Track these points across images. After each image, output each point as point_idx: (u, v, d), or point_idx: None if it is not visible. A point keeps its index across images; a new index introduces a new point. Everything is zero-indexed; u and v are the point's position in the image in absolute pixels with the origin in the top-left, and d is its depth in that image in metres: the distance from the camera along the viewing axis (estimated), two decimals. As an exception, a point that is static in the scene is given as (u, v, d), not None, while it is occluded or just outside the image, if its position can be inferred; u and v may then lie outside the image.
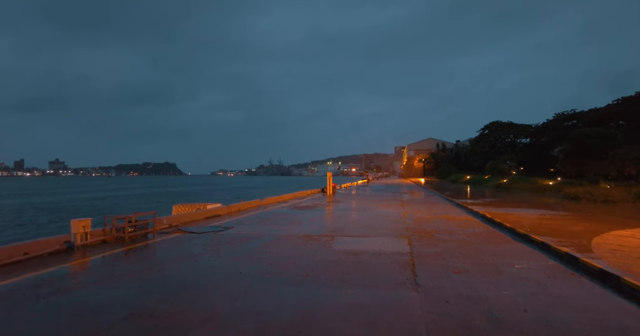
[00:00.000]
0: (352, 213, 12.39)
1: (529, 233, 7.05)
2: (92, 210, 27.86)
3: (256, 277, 4.69)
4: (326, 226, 9.28)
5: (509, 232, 8.05)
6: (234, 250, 6.36)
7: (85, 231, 6.66)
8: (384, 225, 9.31)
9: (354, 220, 10.43)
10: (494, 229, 8.59)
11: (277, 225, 9.44)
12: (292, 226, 9.32)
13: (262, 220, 10.50)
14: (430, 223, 9.77)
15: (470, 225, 9.36)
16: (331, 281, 4.51)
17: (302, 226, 9.35)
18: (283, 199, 18.48)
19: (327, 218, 11.06)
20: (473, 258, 5.63)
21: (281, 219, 10.77)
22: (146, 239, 7.60)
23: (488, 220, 9.98)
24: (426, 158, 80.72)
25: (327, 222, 10.01)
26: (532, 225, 8.46)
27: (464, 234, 7.91)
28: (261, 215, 11.80)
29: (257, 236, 7.81)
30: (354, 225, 9.51)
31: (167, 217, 9.69)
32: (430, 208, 14.05)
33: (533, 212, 11.32)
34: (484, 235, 7.76)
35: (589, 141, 20.81)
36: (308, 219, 10.74)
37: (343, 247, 6.56)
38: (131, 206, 31.41)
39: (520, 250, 6.22)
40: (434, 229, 8.62)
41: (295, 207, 14.60)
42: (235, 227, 9.23)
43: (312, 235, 7.82)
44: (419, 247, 6.51)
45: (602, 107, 41.62)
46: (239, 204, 14.00)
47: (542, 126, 50.71)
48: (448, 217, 11.16)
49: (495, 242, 7.05)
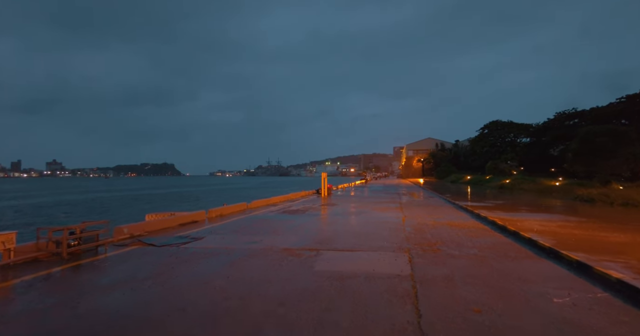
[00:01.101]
0: (345, 219, 11.10)
1: (556, 248, 5.77)
2: (49, 217, 24.61)
3: (200, 319, 3.40)
4: (313, 236, 7.99)
5: (527, 243, 6.77)
6: (190, 272, 5.05)
7: (6, 247, 5.35)
8: (381, 234, 8.02)
9: (347, 228, 9.14)
10: (509, 240, 7.31)
11: (256, 235, 8.14)
12: (273, 236, 8.02)
13: (241, 228, 9.19)
14: (433, 231, 8.49)
15: (479, 233, 8.09)
16: (303, 328, 3.21)
17: (285, 235, 8.05)
18: (273, 202, 17.17)
19: (316, 225, 9.77)
20: (493, 284, 4.34)
21: (264, 227, 9.47)
22: (95, 254, 6.30)
23: (499, 228, 8.70)
24: (425, 158, 79.40)
25: (315, 231, 8.72)
26: (554, 234, 7.18)
27: (475, 246, 6.63)
28: (243, 222, 10.50)
29: (227, 250, 6.51)
30: (346, 234, 8.22)
31: (131, 225, 8.37)
32: (432, 212, 12.77)
33: (548, 217, 10.04)
34: (499, 248, 6.47)
35: (599, 139, 19.59)
36: (294, 226, 9.44)
37: (328, 267, 5.26)
38: (109, 210, 29.86)
39: (550, 272, 4.94)
40: (438, 240, 7.34)
41: (284, 211, 13.30)
42: (207, 237, 7.93)
43: (293, 249, 6.52)
44: (423, 266, 5.23)
45: (604, 106, 40.50)
46: (221, 208, 12.68)
47: (543, 125, 49.56)
48: (452, 223, 9.88)
49: (514, 257, 5.77)
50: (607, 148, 19.23)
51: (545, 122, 49.07)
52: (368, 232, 8.40)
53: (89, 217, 22.92)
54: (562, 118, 46.87)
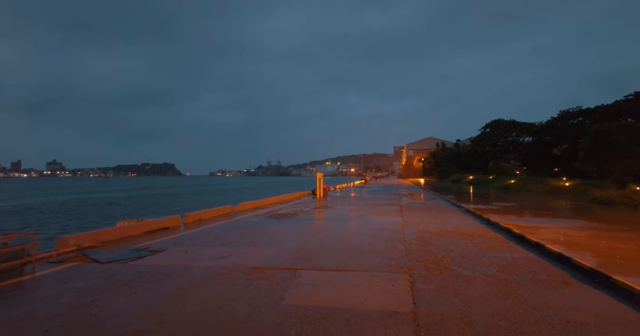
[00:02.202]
0: (337, 225, 9.80)
1: (603, 270, 4.45)
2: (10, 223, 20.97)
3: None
4: (295, 248, 6.69)
5: (558, 261, 5.47)
6: (117, 307, 3.76)
7: None
8: (376, 246, 6.73)
9: (337, 237, 7.84)
10: (532, 254, 6.01)
11: (228, 246, 6.85)
12: (247, 248, 6.72)
13: (215, 237, 7.90)
14: (438, 241, 7.20)
15: (494, 245, 6.78)
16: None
17: (262, 247, 6.76)
18: (262, 204, 15.88)
19: (303, 233, 8.47)
20: (531, 333, 3.05)
21: (242, 235, 8.17)
22: (19, 274, 5.02)
23: (516, 238, 7.40)
24: (426, 158, 78.08)
25: (300, 241, 7.43)
26: (589, 248, 5.88)
27: (493, 264, 5.34)
28: (220, 229, 9.21)
29: (183, 270, 5.21)
30: (335, 245, 6.92)
31: (81, 234, 7.08)
32: (435, 216, 11.48)
33: (571, 224, 8.72)
34: (523, 267, 5.17)
35: (613, 137, 18.27)
36: (277, 235, 8.15)
37: (302, 298, 3.97)
38: (87, 214, 28.55)
39: (606, 310, 3.60)
40: (446, 254, 6.04)
41: (271, 216, 12.01)
42: (169, 249, 6.64)
43: (265, 268, 5.23)
44: (428, 297, 3.94)
45: (610, 104, 39.29)
46: (200, 212, 11.40)
47: (546, 124, 48.32)
48: (460, 230, 8.58)
49: (547, 283, 4.46)
50: (621, 146, 17.92)
51: (549, 121, 47.77)
52: (361, 243, 7.11)
53: (58, 222, 21.51)
54: (566, 117, 45.57)
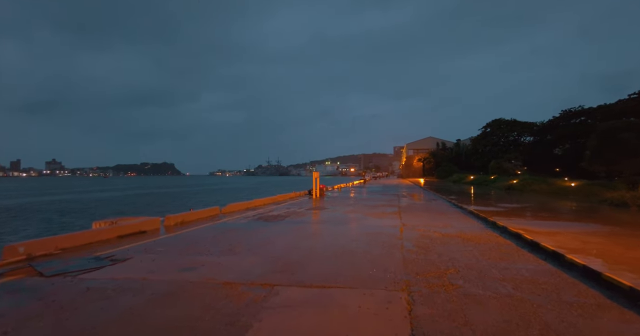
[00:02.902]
0: (329, 229, 8.99)
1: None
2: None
3: None
4: (278, 256, 5.89)
5: (584, 276, 4.63)
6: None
7: None
8: (370, 255, 5.91)
9: (328, 243, 7.03)
10: (551, 266, 5.18)
11: (202, 254, 6.04)
12: (224, 256, 5.91)
13: (192, 243, 7.08)
14: (441, 248, 6.39)
15: (504, 253, 5.97)
16: None
17: (241, 256, 5.95)
18: (254, 205, 15.06)
19: (291, 238, 7.66)
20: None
21: (223, 240, 7.36)
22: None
23: (528, 244, 6.59)
24: (426, 158, 77.21)
25: (285, 248, 6.62)
26: (619, 261, 5.04)
27: (507, 278, 4.52)
28: (201, 233, 8.40)
29: (142, 285, 4.40)
30: (324, 253, 6.11)
31: (34, 241, 6.27)
32: (436, 219, 10.68)
33: (589, 228, 7.89)
34: (545, 284, 4.35)
35: (622, 135, 17.46)
36: (261, 241, 7.34)
37: (272, 328, 3.15)
38: (66, 215, 27.75)
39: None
40: (450, 265, 5.23)
41: (260, 218, 11.20)
42: (135, 257, 5.82)
43: (237, 284, 4.42)
44: (431, 326, 3.11)
45: (613, 103, 38.57)
46: (184, 214, 10.59)
47: (548, 123, 47.59)
48: (464, 235, 7.77)
49: (577, 306, 3.64)
50: (631, 144, 17.12)
51: (550, 120, 47.05)
52: (355, 250, 6.30)
53: (27, 226, 20.68)
54: (568, 116, 44.81)
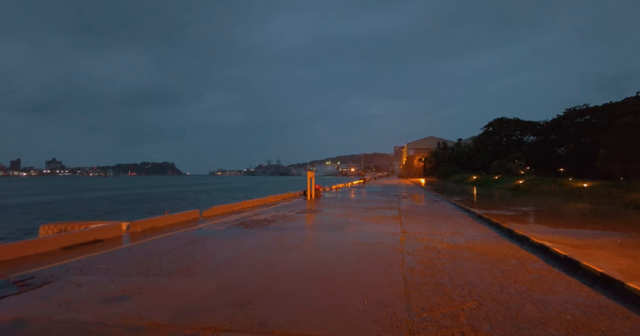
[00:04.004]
0: (317, 238, 7.68)
1: None
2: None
3: None
4: (243, 278, 4.57)
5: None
6: None
7: None
8: (361, 277, 4.60)
9: (310, 259, 5.71)
10: (607, 298, 3.80)
11: (148, 275, 4.72)
12: (175, 279, 4.60)
13: (145, 258, 5.76)
14: (451, 266, 5.07)
15: (535, 276, 4.63)
16: None
17: (197, 277, 4.63)
18: (240, 207, 13.74)
19: (267, 251, 6.35)
20: None
21: (184, 254, 6.04)
22: None
23: (563, 262, 5.26)
24: (427, 158, 75.84)
25: (256, 265, 5.31)
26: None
27: (552, 322, 3.18)
28: (165, 243, 7.10)
29: (36, 327, 3.11)
30: (302, 274, 4.80)
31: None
32: (441, 224, 9.36)
33: (633, 240, 6.56)
34: (611, 332, 3.05)
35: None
36: (231, 255, 6.02)
37: None
38: (41, 218, 26.41)
39: None
40: (467, 294, 3.91)
41: (243, 223, 9.89)
42: (56, 280, 4.51)
43: (166, 327, 3.11)
44: None
45: (619, 102, 37.28)
46: (155, 219, 9.29)
47: (552, 122, 46.26)
48: (478, 247, 6.46)
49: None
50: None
51: (554, 119, 45.76)
52: (343, 269, 4.99)
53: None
54: (572, 115, 43.51)
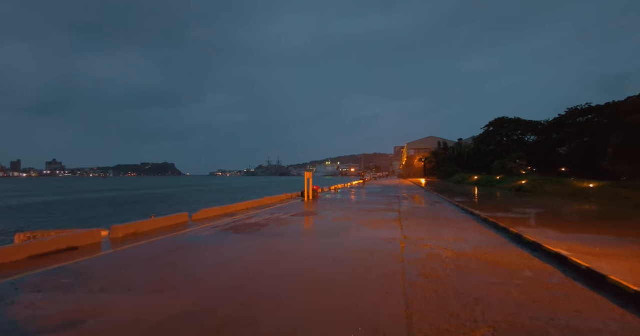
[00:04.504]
0: (311, 244, 7.08)
1: None
2: None
3: None
4: (217, 299, 3.98)
5: None
6: None
7: None
8: (356, 294, 3.99)
9: (300, 270, 5.11)
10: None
11: (114, 292, 4.11)
12: (141, 296, 3.97)
13: (116, 270, 5.17)
14: (458, 280, 4.47)
15: (557, 292, 4.03)
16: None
17: (166, 294, 4.03)
18: (233, 210, 13.14)
19: (253, 261, 5.75)
20: None
21: (159, 264, 5.44)
22: None
23: (586, 275, 4.67)
24: (427, 158, 75.22)
25: (237, 278, 4.71)
26: None
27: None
28: (146, 250, 6.50)
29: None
30: (288, 290, 4.20)
31: None
32: (444, 228, 8.76)
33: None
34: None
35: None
36: (211, 265, 5.42)
37: None
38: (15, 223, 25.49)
39: None
40: (480, 317, 3.30)
41: (232, 228, 9.29)
42: (4, 299, 3.92)
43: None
44: None
45: (622, 100, 36.64)
46: (138, 224, 8.69)
47: (554, 122, 45.68)
48: (486, 255, 5.86)
49: None
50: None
51: (556, 119, 45.20)
52: (335, 283, 4.39)
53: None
54: (574, 115, 42.96)
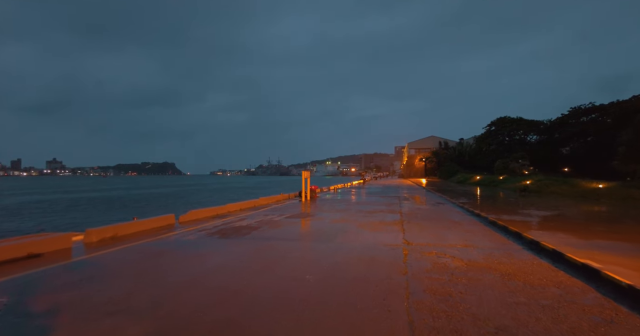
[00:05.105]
0: (301, 253, 6.38)
1: None
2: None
3: None
4: (189, 317, 3.29)
5: None
6: None
7: None
8: (349, 319, 3.29)
9: (286, 286, 4.41)
10: None
11: (59, 314, 3.42)
12: (89, 323, 3.30)
13: (68, 284, 4.49)
14: (473, 297, 3.78)
15: (598, 318, 3.30)
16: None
17: (126, 316, 3.33)
18: (226, 211, 12.45)
19: (232, 273, 5.07)
20: None
21: (126, 276, 4.76)
22: None
23: (628, 294, 3.97)
24: (428, 157, 74.48)
25: (212, 295, 4.03)
26: None
27: None
28: (113, 259, 5.82)
29: None
30: (269, 311, 3.49)
31: None
32: (449, 232, 8.06)
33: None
34: None
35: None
36: (184, 278, 4.72)
37: None
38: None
39: None
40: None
41: (220, 231, 8.60)
42: None
43: None
44: None
45: (627, 100, 35.97)
46: (118, 227, 8.01)
47: (557, 121, 44.96)
48: (501, 266, 5.16)
49: None
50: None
51: (559, 118, 44.49)
52: (324, 307, 3.68)
53: None
54: (577, 114, 42.27)
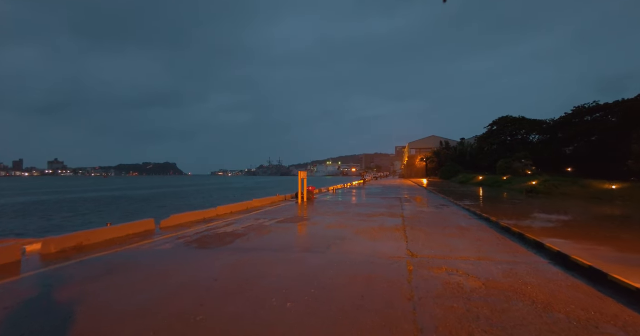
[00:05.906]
0: (286, 267, 5.44)
1: None
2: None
3: None
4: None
5: None
6: None
7: None
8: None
9: (258, 319, 3.50)
10: None
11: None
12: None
13: (2, 310, 3.60)
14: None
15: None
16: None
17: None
18: (214, 214, 11.53)
19: (195, 298, 4.16)
20: None
21: (65, 300, 3.83)
22: None
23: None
24: (429, 157, 73.47)
25: (162, 331, 3.13)
26: None
27: None
28: (69, 273, 4.90)
29: None
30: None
31: None
32: (460, 241, 7.13)
33: None
34: None
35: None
36: (134, 305, 3.81)
37: None
38: None
39: None
40: None
41: (200, 239, 7.67)
42: None
43: None
44: None
45: (633, 98, 34.98)
46: (86, 234, 7.10)
47: (559, 121, 43.96)
48: (531, 290, 4.23)
49: None
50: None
51: (562, 117, 43.49)
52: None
53: None
54: (581, 113, 41.29)
